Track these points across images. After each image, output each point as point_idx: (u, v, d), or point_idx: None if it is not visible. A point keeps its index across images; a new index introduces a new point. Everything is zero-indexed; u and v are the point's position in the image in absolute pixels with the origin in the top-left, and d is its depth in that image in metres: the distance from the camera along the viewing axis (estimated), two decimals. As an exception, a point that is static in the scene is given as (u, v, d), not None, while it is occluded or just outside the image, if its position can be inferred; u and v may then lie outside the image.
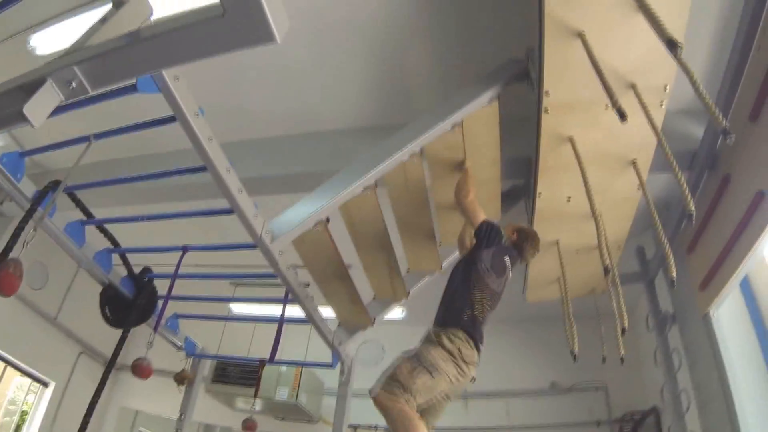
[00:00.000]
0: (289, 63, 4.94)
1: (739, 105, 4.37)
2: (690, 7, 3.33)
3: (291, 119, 5.52)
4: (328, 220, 3.81)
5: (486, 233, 3.81)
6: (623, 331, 4.46)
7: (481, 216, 3.93)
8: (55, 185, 3.58)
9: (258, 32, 1.68)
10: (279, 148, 5.53)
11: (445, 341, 3.45)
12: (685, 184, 3.32)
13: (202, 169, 3.07)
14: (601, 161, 4.27)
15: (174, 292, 4.45)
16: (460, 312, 3.60)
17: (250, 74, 5.07)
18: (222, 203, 3.32)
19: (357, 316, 4.78)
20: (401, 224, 4.52)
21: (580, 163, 4.07)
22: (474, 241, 3.90)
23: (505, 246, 3.98)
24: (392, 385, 3.22)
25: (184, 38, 1.83)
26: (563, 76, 3.70)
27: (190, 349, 5.29)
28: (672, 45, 2.61)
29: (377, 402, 3.23)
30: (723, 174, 4.83)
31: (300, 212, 3.73)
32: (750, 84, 4.24)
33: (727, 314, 5.13)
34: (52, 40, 4.64)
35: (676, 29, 2.82)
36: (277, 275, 3.93)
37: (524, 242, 4.11)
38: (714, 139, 4.77)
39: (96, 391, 3.92)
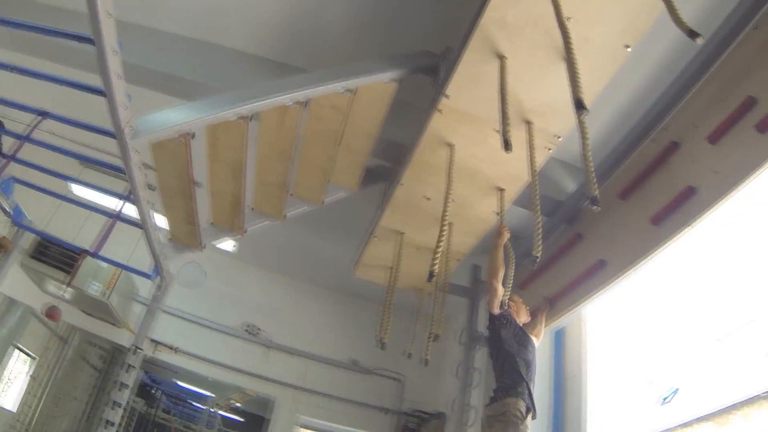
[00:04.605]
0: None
1: (616, 180, 4.68)
2: (610, 77, 3.48)
3: (199, 22, 5.23)
4: (193, 135, 3.71)
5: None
6: (435, 337, 4.62)
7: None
8: None
9: None
10: (174, 46, 5.26)
11: None
12: (540, 229, 3.43)
13: (89, 41, 2.90)
14: (472, 177, 4.39)
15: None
16: None
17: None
18: (95, 79, 3.14)
19: (189, 237, 4.71)
20: (260, 162, 4.47)
21: (450, 171, 4.14)
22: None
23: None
24: None
25: None
26: (469, 88, 3.74)
27: (17, 218, 4.99)
28: (580, 106, 2.69)
29: None
30: (577, 231, 5.11)
31: (168, 119, 3.63)
32: (633, 166, 4.58)
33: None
34: None
35: (589, 92, 2.92)
36: (125, 171, 3.79)
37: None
38: (581, 198, 5.05)
39: None
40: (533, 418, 3.90)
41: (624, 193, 4.59)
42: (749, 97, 3.55)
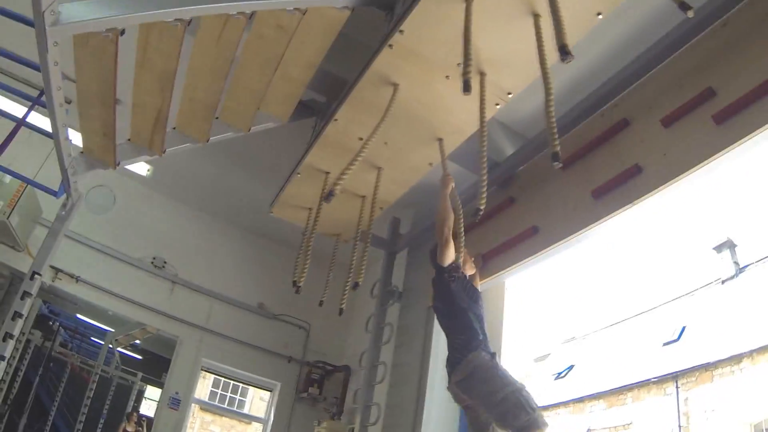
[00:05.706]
0: None
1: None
2: (573, 42, 3.38)
3: None
4: (123, 32, 3.32)
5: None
6: (355, 285, 4.50)
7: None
8: None
9: None
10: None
11: None
12: (485, 181, 3.44)
13: None
14: (411, 122, 4.25)
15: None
16: None
17: None
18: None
19: (103, 152, 4.31)
20: (191, 77, 4.15)
21: (388, 108, 3.99)
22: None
23: None
24: None
25: None
26: (426, 27, 3.58)
27: None
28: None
29: None
30: (509, 195, 5.09)
31: (96, 9, 3.21)
32: (578, 137, 4.61)
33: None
34: None
35: (550, 54, 2.88)
36: (39, 68, 3.37)
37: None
38: (517, 163, 5.08)
39: None
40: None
41: (565, 163, 4.57)
42: (709, 88, 3.62)
